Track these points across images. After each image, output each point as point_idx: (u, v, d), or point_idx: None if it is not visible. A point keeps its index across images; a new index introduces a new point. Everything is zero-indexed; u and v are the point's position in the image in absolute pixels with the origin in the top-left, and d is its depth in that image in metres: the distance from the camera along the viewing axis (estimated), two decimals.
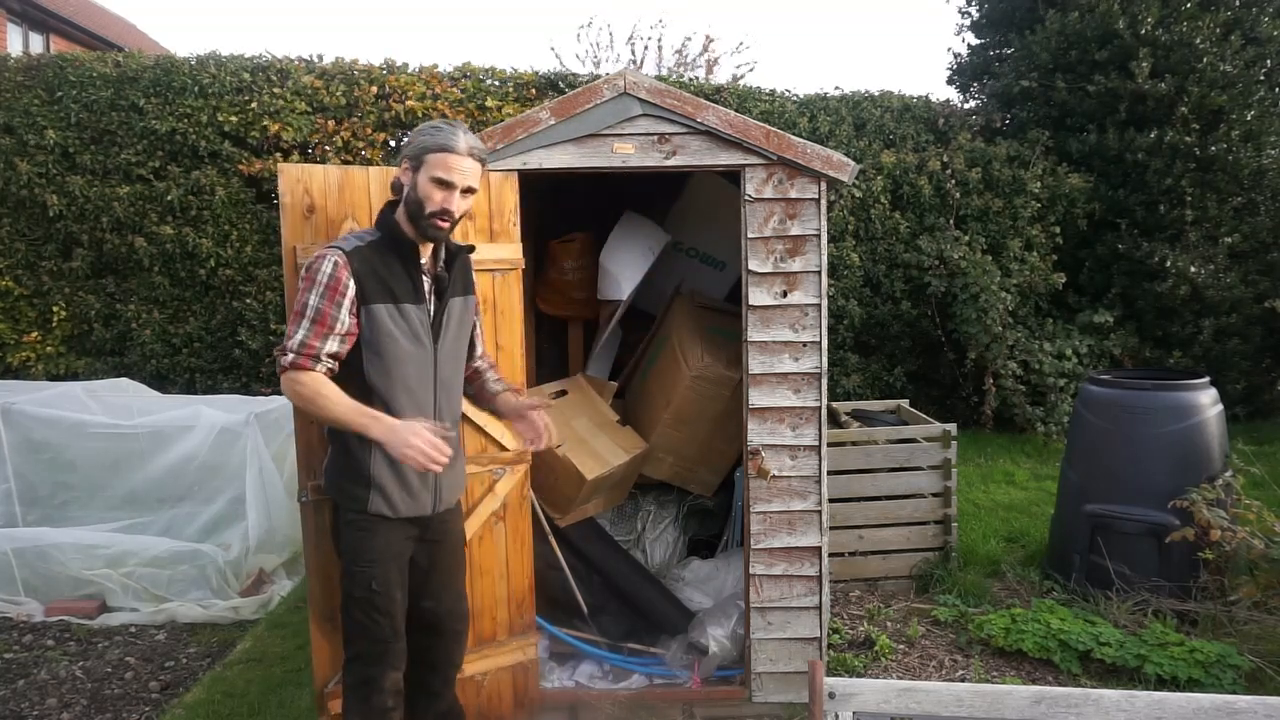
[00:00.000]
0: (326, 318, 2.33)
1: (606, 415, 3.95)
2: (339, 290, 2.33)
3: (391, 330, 2.39)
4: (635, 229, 4.20)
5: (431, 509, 2.56)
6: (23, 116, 6.76)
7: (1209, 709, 1.70)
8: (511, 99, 7.14)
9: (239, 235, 6.94)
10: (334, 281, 2.33)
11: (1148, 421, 4.07)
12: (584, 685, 3.50)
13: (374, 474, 2.43)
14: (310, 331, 2.33)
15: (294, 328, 2.34)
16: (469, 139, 2.40)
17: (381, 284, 2.38)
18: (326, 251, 2.37)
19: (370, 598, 2.47)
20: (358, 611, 2.49)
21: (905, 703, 1.78)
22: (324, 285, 2.33)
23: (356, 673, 2.56)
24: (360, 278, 2.35)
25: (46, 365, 6.96)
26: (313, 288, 2.34)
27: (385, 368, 2.41)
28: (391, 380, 2.41)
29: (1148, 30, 7.29)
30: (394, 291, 2.40)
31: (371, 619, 2.48)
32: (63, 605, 4.27)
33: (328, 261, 2.34)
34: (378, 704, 2.54)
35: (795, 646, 3.36)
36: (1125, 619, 3.82)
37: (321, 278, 2.33)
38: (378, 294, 2.38)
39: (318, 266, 2.35)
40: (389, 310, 2.39)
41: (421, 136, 2.40)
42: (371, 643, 2.51)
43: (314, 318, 2.33)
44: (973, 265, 7.03)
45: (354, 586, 2.49)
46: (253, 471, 4.41)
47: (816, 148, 3.16)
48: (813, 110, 7.58)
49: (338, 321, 2.34)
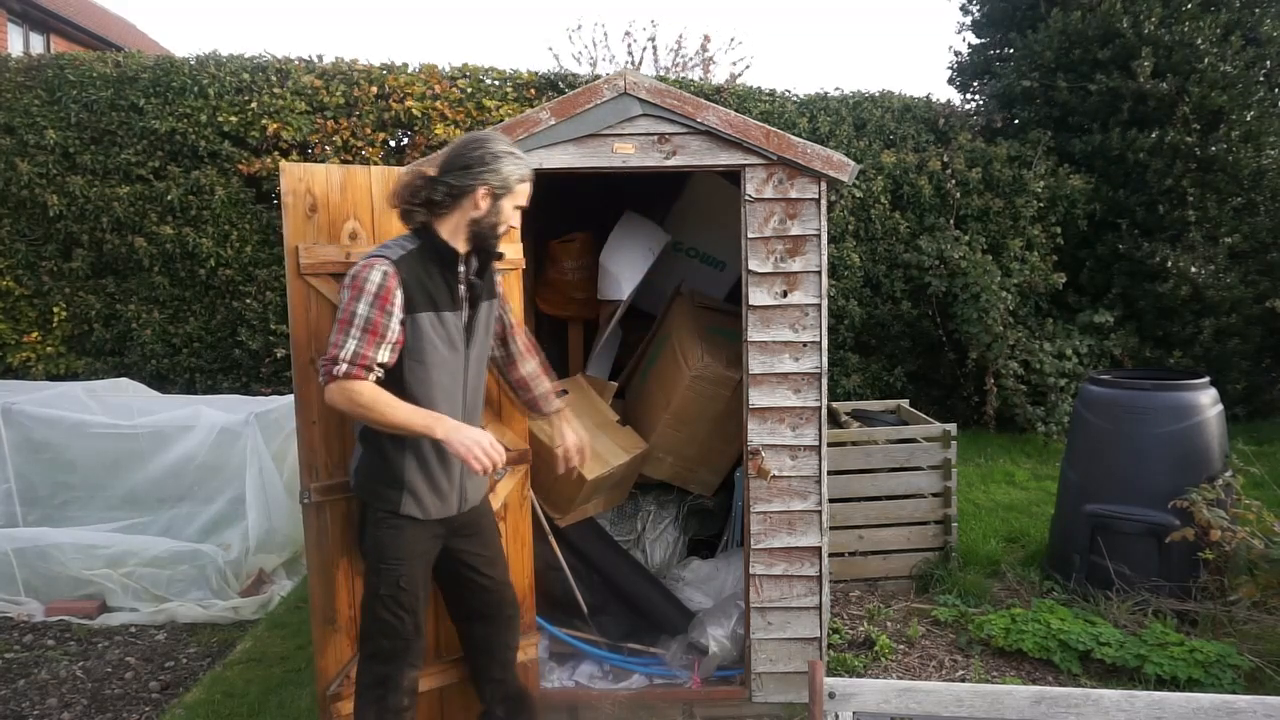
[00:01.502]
0: (378, 327, 2.35)
1: (607, 415, 3.95)
2: (389, 300, 2.35)
3: (432, 338, 2.44)
4: (635, 229, 4.20)
5: (457, 508, 2.63)
6: (23, 116, 6.76)
7: (1209, 709, 1.70)
8: (511, 99, 7.14)
9: (239, 235, 6.94)
10: (384, 291, 2.35)
11: (1148, 421, 4.07)
12: (584, 685, 3.50)
13: (407, 478, 2.50)
14: (362, 341, 2.34)
15: (342, 337, 2.34)
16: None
17: (425, 293, 2.43)
18: (374, 261, 2.39)
19: (397, 595, 2.52)
20: (382, 609, 2.53)
21: (905, 703, 1.78)
22: (374, 295, 2.35)
23: (373, 671, 2.58)
24: (407, 286, 2.38)
25: (47, 365, 6.96)
26: (361, 296, 2.35)
27: (424, 374, 2.45)
28: (429, 385, 2.46)
29: (1150, 30, 7.29)
30: (435, 300, 2.45)
31: (396, 616, 2.53)
32: (63, 605, 4.27)
33: (376, 271, 2.36)
34: (394, 703, 2.56)
35: (795, 646, 3.36)
36: (1125, 619, 3.82)
37: (370, 287, 2.35)
38: (422, 303, 2.42)
39: (365, 275, 2.36)
40: (431, 319, 2.44)
41: (506, 165, 2.44)
42: (393, 640, 2.55)
43: (365, 327, 2.34)
44: (973, 265, 7.03)
45: (381, 583, 2.53)
46: (253, 471, 4.42)
47: (816, 148, 3.16)
48: (813, 110, 7.58)
49: (388, 330, 2.36)
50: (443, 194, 2.44)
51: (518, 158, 2.48)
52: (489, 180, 2.43)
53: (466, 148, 2.46)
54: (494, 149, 2.44)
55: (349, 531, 2.84)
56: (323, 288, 2.73)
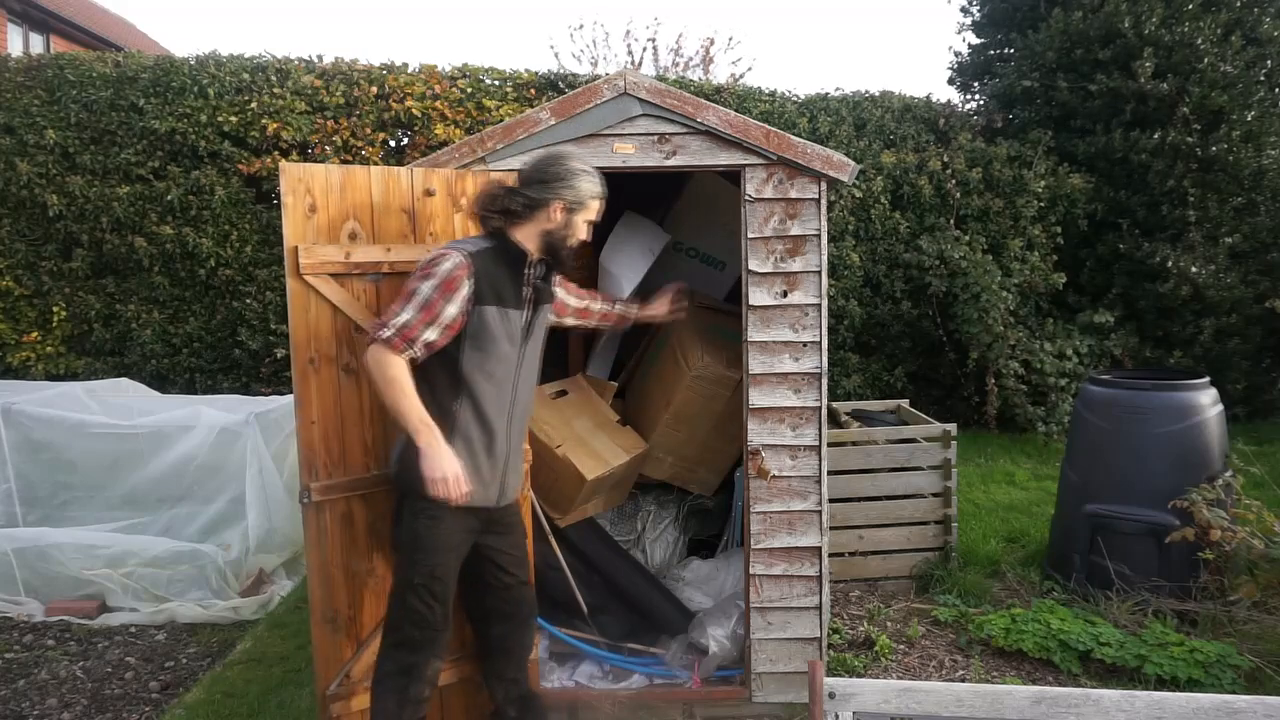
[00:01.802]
0: (434, 307, 2.49)
1: (607, 415, 3.95)
2: (454, 287, 2.51)
3: (494, 331, 2.59)
4: (635, 229, 4.20)
5: (496, 501, 2.72)
6: (23, 117, 6.76)
7: (1209, 709, 1.70)
8: (511, 99, 7.14)
9: (239, 235, 6.94)
10: (452, 279, 2.51)
11: (1148, 421, 4.07)
12: (584, 685, 3.50)
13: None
14: (415, 317, 2.48)
15: (400, 307, 2.50)
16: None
17: (494, 288, 2.59)
18: (450, 251, 2.56)
19: (430, 584, 2.58)
20: (414, 598, 2.58)
21: (905, 703, 1.78)
22: (441, 280, 2.50)
23: (398, 660, 2.62)
24: (478, 279, 2.55)
25: (47, 365, 6.96)
26: (429, 278, 2.51)
27: (481, 362, 2.59)
28: (483, 373, 2.60)
29: (1151, 30, 7.29)
30: (502, 296, 2.61)
31: (428, 605, 2.59)
32: (63, 605, 4.27)
33: (451, 260, 2.52)
34: (415, 693, 2.61)
35: (795, 646, 3.36)
36: (1125, 619, 3.82)
37: (441, 272, 2.51)
38: (489, 297, 2.57)
39: (440, 261, 2.53)
40: (496, 313, 2.59)
41: (582, 182, 2.66)
42: (422, 629, 2.60)
43: (422, 305, 2.49)
44: (973, 265, 7.03)
45: (415, 572, 2.59)
46: (253, 471, 4.41)
47: (816, 148, 3.16)
48: (813, 110, 7.58)
49: (443, 314, 2.50)
50: (520, 205, 2.63)
51: (592, 175, 2.68)
52: (565, 195, 2.63)
53: (546, 163, 2.67)
54: (571, 166, 2.65)
55: (348, 531, 2.84)
56: (322, 288, 2.73)
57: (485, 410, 2.61)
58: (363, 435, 2.86)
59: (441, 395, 2.59)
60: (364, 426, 2.86)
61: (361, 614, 2.89)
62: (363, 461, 2.86)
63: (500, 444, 2.68)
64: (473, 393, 2.59)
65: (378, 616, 2.94)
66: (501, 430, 2.67)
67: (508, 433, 2.70)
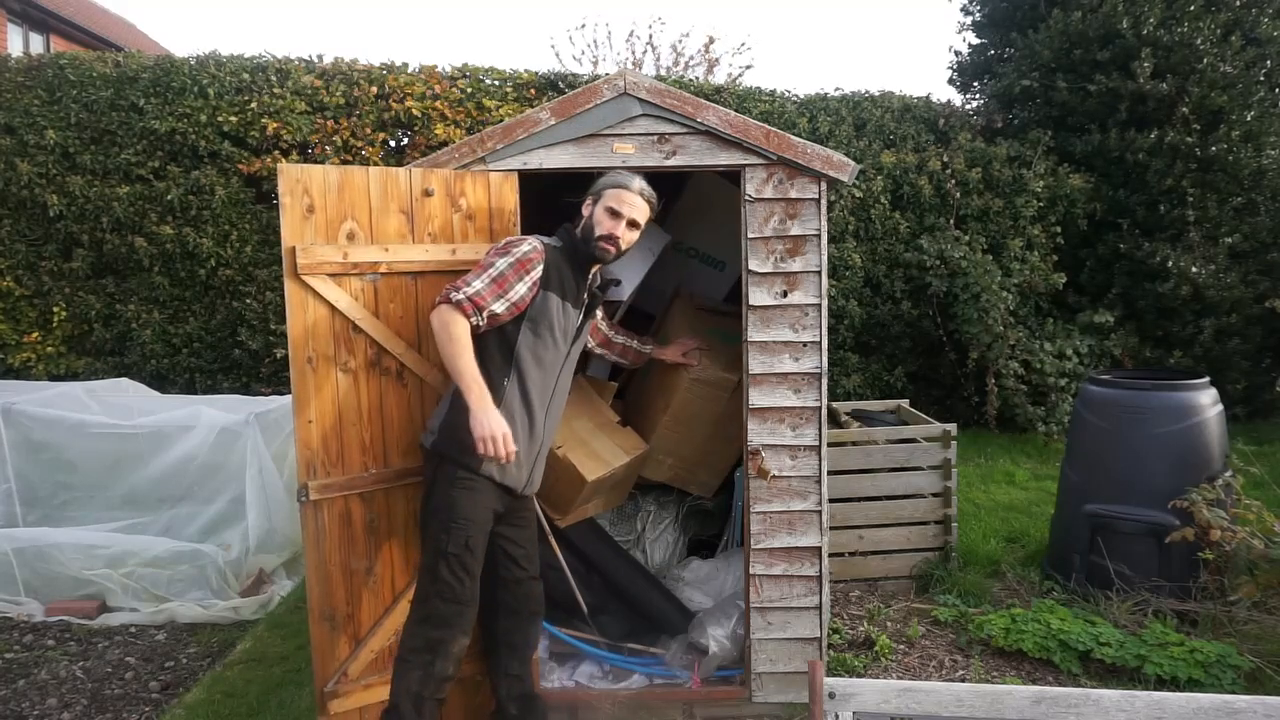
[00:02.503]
0: (506, 282, 2.65)
1: (607, 416, 3.94)
2: (527, 268, 2.69)
3: (553, 319, 2.75)
4: None
5: (522, 487, 2.81)
6: (23, 117, 6.76)
7: (1209, 709, 1.70)
8: (511, 99, 7.14)
9: (239, 235, 6.94)
10: (526, 260, 2.69)
11: (1148, 421, 4.06)
12: (584, 685, 3.50)
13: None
14: (488, 287, 2.63)
15: (474, 277, 2.65)
16: (640, 182, 2.90)
17: (560, 280, 2.77)
18: (529, 238, 2.77)
19: (462, 555, 2.62)
20: (445, 569, 2.61)
21: (905, 703, 1.78)
22: (517, 259, 2.68)
23: (425, 635, 2.63)
24: (549, 267, 2.73)
25: (47, 365, 6.96)
26: (506, 255, 2.68)
27: (535, 345, 2.74)
28: (534, 358, 2.74)
29: (1150, 30, 7.29)
30: (565, 289, 2.78)
31: (458, 577, 2.62)
32: (63, 605, 4.27)
33: (529, 244, 2.73)
34: (440, 670, 2.62)
35: (795, 646, 3.36)
36: (1125, 619, 3.82)
37: (518, 252, 2.69)
38: (556, 286, 2.75)
39: (518, 243, 2.73)
40: (559, 303, 2.76)
41: (606, 178, 2.89)
42: (450, 603, 2.63)
43: (495, 278, 2.65)
44: (973, 265, 7.03)
45: (449, 542, 2.62)
46: (253, 471, 4.41)
47: (816, 148, 3.16)
48: (813, 110, 7.58)
49: (513, 290, 2.66)
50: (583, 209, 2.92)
51: (618, 172, 2.90)
52: (590, 191, 2.89)
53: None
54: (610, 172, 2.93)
55: (346, 530, 2.84)
56: (320, 288, 2.74)
57: (530, 392, 2.73)
58: (361, 435, 2.86)
59: (492, 369, 2.68)
60: (362, 426, 2.86)
61: (359, 612, 2.89)
62: (361, 461, 2.86)
63: (539, 429, 2.79)
64: (522, 373, 2.72)
65: (376, 615, 2.95)
66: (541, 417, 2.79)
67: (545, 422, 2.82)
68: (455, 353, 2.56)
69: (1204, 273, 7.28)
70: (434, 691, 2.63)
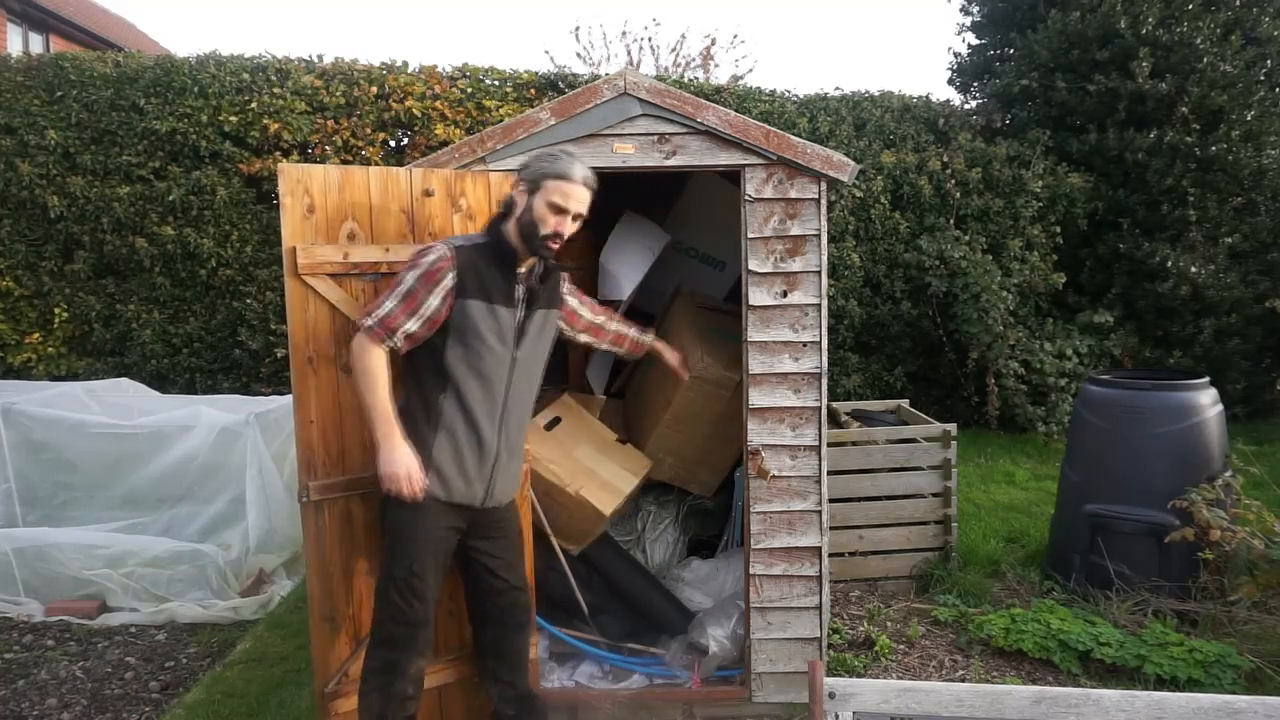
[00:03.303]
0: (416, 298, 2.52)
1: (605, 436, 3.92)
2: (435, 279, 2.53)
3: (479, 326, 2.58)
4: (635, 229, 4.20)
5: (480, 501, 2.68)
6: (23, 117, 6.76)
7: (1209, 709, 1.70)
8: (511, 99, 7.14)
9: (239, 235, 6.94)
10: (434, 271, 2.53)
11: (1148, 421, 4.07)
12: (584, 685, 3.50)
13: (435, 456, 2.59)
14: (398, 306, 2.52)
15: (386, 296, 2.55)
16: (583, 169, 2.63)
17: (480, 283, 2.58)
18: (436, 245, 2.60)
19: (409, 579, 2.56)
20: (394, 592, 2.57)
21: (905, 703, 1.78)
22: (424, 270, 2.53)
23: (381, 657, 2.61)
24: (462, 273, 2.55)
25: (48, 366, 6.96)
26: (415, 268, 2.55)
27: (466, 357, 2.59)
28: (468, 369, 2.59)
29: (1149, 30, 7.29)
30: (489, 292, 2.59)
31: (407, 601, 2.57)
32: (63, 605, 4.27)
33: (434, 253, 2.56)
34: (399, 690, 2.60)
35: (795, 646, 3.36)
36: (1125, 619, 3.82)
37: (425, 264, 2.54)
38: (475, 291, 2.57)
39: (426, 252, 2.57)
40: (482, 308, 2.58)
41: (540, 163, 2.61)
42: (403, 626, 2.59)
43: (405, 295, 2.52)
44: (973, 265, 7.03)
45: (395, 564, 2.58)
46: (253, 471, 4.41)
47: (816, 148, 3.16)
48: (813, 110, 7.58)
49: (425, 305, 2.52)
50: (505, 202, 2.69)
51: (555, 158, 2.61)
52: (523, 177, 2.63)
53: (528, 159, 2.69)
54: (539, 152, 2.69)
55: (347, 530, 2.84)
56: (321, 288, 2.73)
57: (471, 406, 2.60)
58: (361, 434, 2.85)
59: (427, 386, 2.61)
60: (363, 426, 2.85)
61: (360, 613, 2.89)
62: (361, 461, 2.85)
63: (490, 443, 2.64)
64: (458, 387, 2.59)
65: None
66: (490, 429, 2.64)
67: (499, 433, 2.66)
68: (365, 386, 2.49)
69: (1204, 273, 7.28)
70: (396, 711, 2.61)
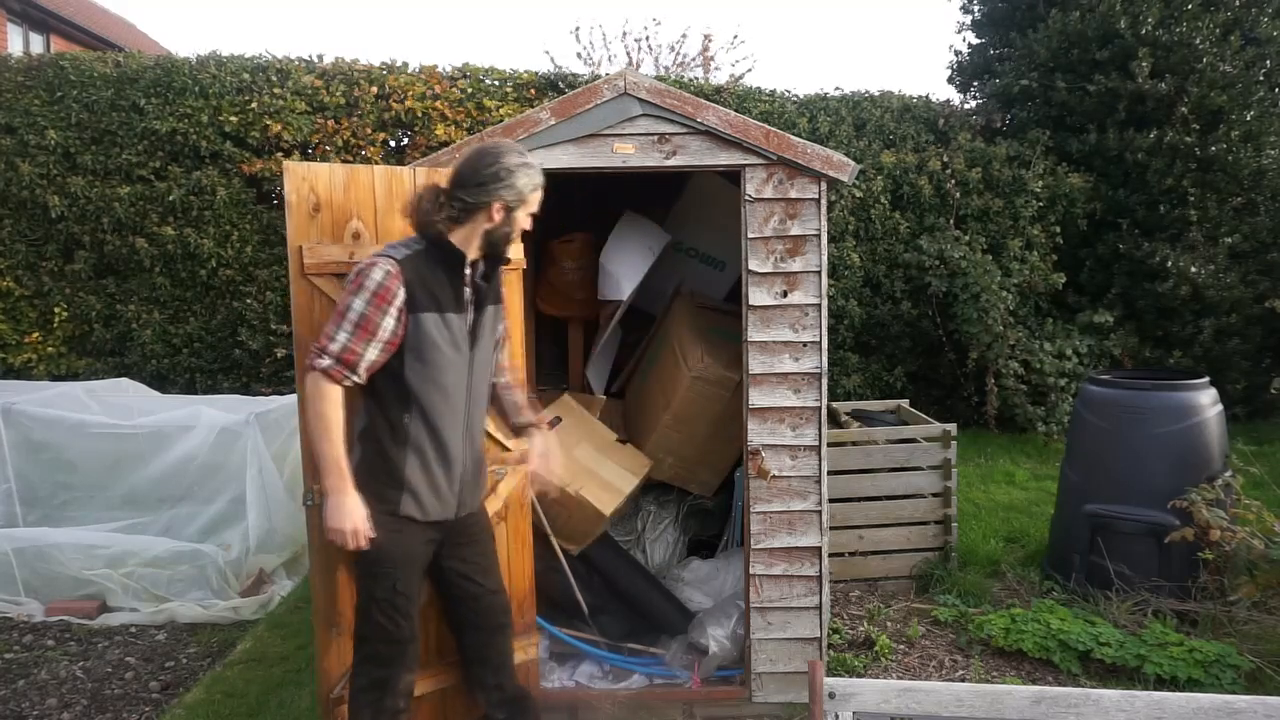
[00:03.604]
0: (371, 324, 2.37)
1: (605, 436, 3.93)
2: (388, 299, 2.37)
3: (436, 339, 2.45)
4: (635, 229, 4.20)
5: (455, 513, 2.62)
6: (24, 117, 6.76)
7: (1209, 709, 1.70)
8: (511, 99, 7.14)
9: (240, 235, 6.94)
10: (383, 290, 2.37)
11: (1148, 421, 4.07)
12: (584, 685, 3.50)
13: (408, 476, 2.49)
14: (354, 336, 2.37)
15: (336, 327, 2.37)
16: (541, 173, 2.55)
17: (429, 293, 2.44)
18: (378, 260, 2.41)
19: (393, 599, 2.52)
20: (378, 613, 2.53)
21: (905, 703, 1.78)
22: (373, 292, 2.37)
23: (369, 674, 2.58)
24: (410, 286, 2.40)
25: (48, 366, 6.97)
26: (360, 293, 2.37)
27: (426, 373, 2.47)
28: (430, 384, 2.48)
29: (1148, 30, 7.29)
30: (440, 301, 2.46)
31: (392, 620, 2.53)
32: (63, 605, 4.27)
33: (379, 270, 2.38)
34: (390, 706, 2.57)
35: (795, 646, 3.36)
36: (1125, 619, 3.82)
37: (371, 284, 2.37)
38: (426, 303, 2.43)
39: (368, 273, 2.38)
40: (435, 319, 2.45)
41: (520, 179, 2.45)
42: (390, 644, 2.55)
43: (358, 323, 2.37)
44: (973, 265, 7.03)
45: (377, 587, 2.53)
46: (253, 471, 4.41)
47: (816, 148, 3.17)
48: (813, 110, 7.58)
49: (382, 329, 2.38)
50: (458, 210, 2.46)
51: (530, 168, 2.49)
52: (504, 196, 2.45)
53: (481, 162, 2.45)
54: (508, 164, 2.45)
55: None
56: (326, 287, 2.73)
57: (436, 422, 2.50)
58: None
59: (390, 409, 2.49)
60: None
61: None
62: None
63: (456, 455, 2.56)
64: (422, 405, 2.48)
65: None
66: (456, 441, 2.55)
67: (464, 443, 2.59)
68: (318, 432, 2.37)
69: (1204, 273, 7.28)
70: None
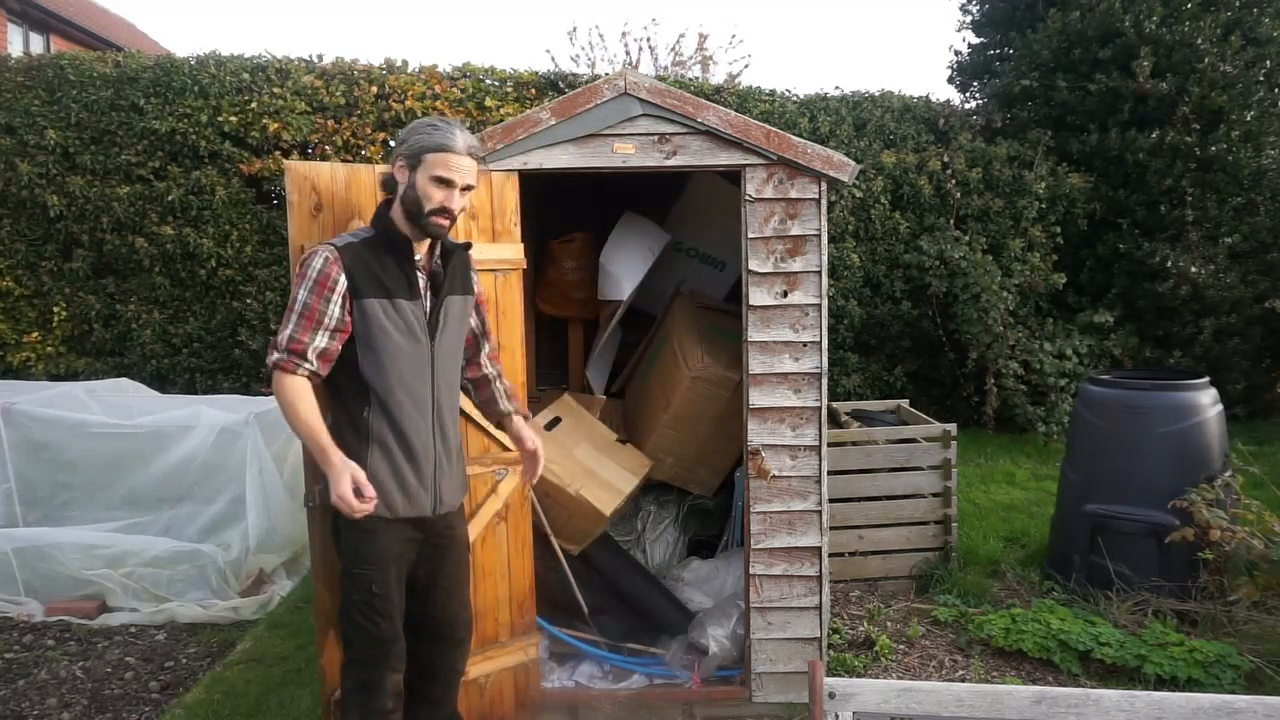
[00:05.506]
0: (314, 312, 2.34)
1: (605, 436, 3.93)
2: (327, 285, 2.35)
3: (384, 325, 2.41)
4: (635, 229, 4.21)
5: (431, 509, 2.55)
6: (23, 117, 6.76)
7: (1209, 709, 1.70)
8: (511, 99, 7.14)
9: (239, 235, 6.94)
10: (323, 276, 2.35)
11: (1148, 421, 4.07)
12: (584, 685, 3.50)
13: (373, 473, 2.41)
14: (298, 326, 2.34)
15: (284, 325, 2.37)
16: (466, 137, 2.43)
17: (374, 279, 2.40)
18: (318, 248, 2.41)
19: (370, 600, 2.47)
20: (358, 614, 2.49)
21: (905, 703, 1.78)
22: (313, 280, 2.35)
23: (355, 675, 2.55)
24: (351, 272, 2.37)
25: (47, 365, 6.96)
26: (303, 283, 2.36)
27: (379, 362, 2.42)
28: (387, 375, 2.43)
29: (1150, 30, 7.29)
30: (387, 287, 2.42)
31: (372, 621, 2.48)
32: (63, 605, 4.27)
33: (318, 257, 2.37)
34: (378, 706, 2.53)
35: (795, 646, 3.36)
36: (1125, 619, 3.82)
37: (311, 273, 2.36)
38: (371, 289, 2.39)
39: (309, 261, 2.38)
40: (382, 305, 2.40)
41: (418, 135, 2.41)
42: (372, 645, 2.50)
43: (302, 312, 2.35)
44: (973, 265, 7.03)
45: (354, 589, 2.48)
46: (253, 471, 4.41)
47: (816, 148, 3.17)
48: (813, 110, 7.58)
49: (326, 315, 2.35)
50: (386, 178, 2.50)
51: (435, 129, 2.41)
52: (400, 153, 2.43)
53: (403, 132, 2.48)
54: (415, 125, 2.45)
55: None
56: None
57: (397, 415, 2.43)
58: None
59: (350, 403, 2.45)
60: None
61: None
62: None
63: (425, 448, 2.49)
64: (381, 398, 2.42)
65: None
66: (423, 434, 2.48)
67: (434, 435, 2.51)
68: (293, 423, 2.32)
69: (1204, 273, 7.29)
70: None
